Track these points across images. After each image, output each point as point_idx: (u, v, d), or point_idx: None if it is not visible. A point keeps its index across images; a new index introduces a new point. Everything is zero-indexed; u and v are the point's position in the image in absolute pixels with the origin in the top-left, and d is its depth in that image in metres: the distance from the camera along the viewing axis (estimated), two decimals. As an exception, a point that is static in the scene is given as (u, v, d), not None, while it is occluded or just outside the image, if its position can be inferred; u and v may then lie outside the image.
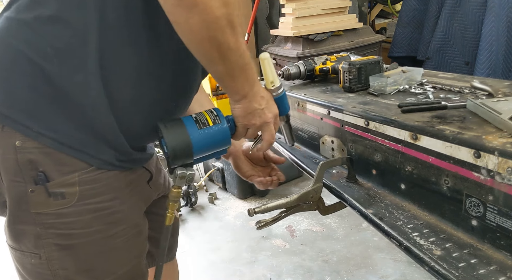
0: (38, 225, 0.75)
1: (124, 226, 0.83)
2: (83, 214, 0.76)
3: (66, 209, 0.75)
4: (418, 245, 0.77)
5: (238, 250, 2.28)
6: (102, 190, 0.78)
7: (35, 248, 0.77)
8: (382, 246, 2.16)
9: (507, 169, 0.67)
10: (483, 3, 2.72)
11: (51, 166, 0.73)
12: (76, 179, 0.74)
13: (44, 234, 0.76)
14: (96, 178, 0.76)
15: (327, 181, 1.05)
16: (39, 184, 0.73)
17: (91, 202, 0.77)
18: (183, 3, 0.63)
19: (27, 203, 0.74)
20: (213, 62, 0.73)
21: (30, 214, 0.75)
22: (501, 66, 2.64)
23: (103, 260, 0.81)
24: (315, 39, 2.90)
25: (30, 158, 0.72)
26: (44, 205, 0.74)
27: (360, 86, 1.18)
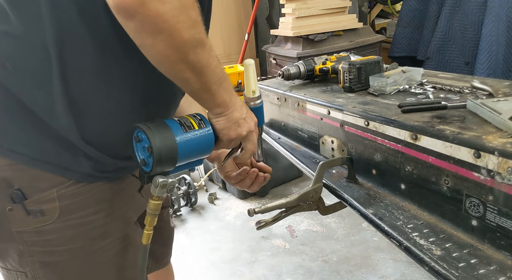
0: (20, 243, 0.74)
1: (110, 240, 0.80)
2: (65, 230, 0.74)
3: (47, 226, 0.73)
4: (418, 245, 0.77)
5: (238, 250, 2.28)
6: (84, 204, 0.75)
7: (20, 266, 0.76)
8: (382, 246, 2.16)
9: (507, 169, 0.67)
10: (483, 3, 2.72)
11: (26, 182, 0.70)
12: (55, 194, 0.71)
13: (27, 252, 0.74)
14: (77, 192, 0.73)
15: (327, 181, 1.05)
16: (16, 202, 0.70)
17: (73, 218, 0.74)
18: (146, 30, 0.59)
19: (7, 222, 0.72)
20: (188, 82, 0.69)
21: (12, 233, 0.73)
22: (501, 66, 2.64)
23: (90, 276, 0.79)
24: (315, 39, 2.90)
25: (3, 176, 0.69)
26: (24, 223, 0.72)
27: (360, 86, 1.18)
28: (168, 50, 0.62)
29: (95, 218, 0.76)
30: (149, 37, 0.60)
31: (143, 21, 0.58)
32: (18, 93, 0.67)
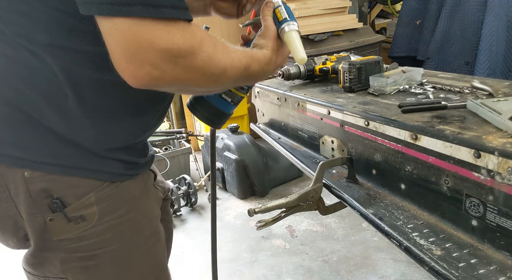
0: (62, 251, 0.75)
1: (143, 237, 0.81)
2: (104, 232, 0.75)
3: (87, 231, 0.74)
4: (418, 245, 0.77)
5: (238, 250, 2.28)
6: (118, 204, 0.76)
7: (61, 273, 0.76)
8: (382, 246, 2.16)
9: (507, 169, 0.67)
10: (483, 3, 2.72)
11: (64, 191, 0.71)
12: (93, 199, 0.73)
13: (68, 259, 0.75)
14: (111, 193, 0.75)
15: (327, 181, 1.05)
16: (56, 212, 0.71)
17: (110, 219, 0.76)
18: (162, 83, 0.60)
19: (48, 232, 0.73)
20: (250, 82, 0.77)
21: (53, 242, 0.74)
22: (501, 66, 2.64)
23: (128, 275, 0.81)
24: (315, 39, 2.90)
25: (41, 187, 0.70)
26: (65, 231, 0.73)
27: (360, 86, 1.18)
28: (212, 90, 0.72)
29: (129, 217, 0.78)
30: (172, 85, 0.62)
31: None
32: (36, 114, 0.68)
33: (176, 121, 3.66)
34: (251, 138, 2.83)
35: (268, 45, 0.77)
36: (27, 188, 0.70)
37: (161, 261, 0.88)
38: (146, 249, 0.82)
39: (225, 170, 2.85)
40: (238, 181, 2.76)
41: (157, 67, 0.57)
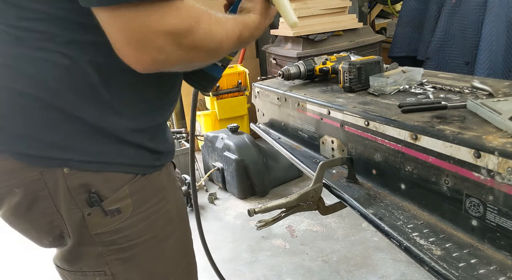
0: (99, 245, 0.76)
1: (173, 225, 0.84)
2: (138, 223, 0.77)
3: (123, 223, 0.76)
4: (418, 245, 0.77)
5: (238, 250, 2.28)
6: (150, 195, 0.79)
7: (98, 267, 0.78)
8: (382, 246, 2.16)
9: (507, 169, 0.67)
10: (483, 3, 2.72)
11: (101, 185, 0.73)
12: (127, 191, 0.75)
13: (105, 252, 0.77)
14: (143, 185, 0.77)
15: (327, 181, 1.05)
16: (94, 206, 0.73)
17: (142, 210, 0.78)
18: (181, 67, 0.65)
19: (86, 227, 0.75)
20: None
21: (90, 236, 0.75)
22: (501, 66, 2.64)
23: (162, 262, 0.82)
24: (315, 39, 2.90)
25: (80, 182, 0.72)
26: (102, 224, 0.75)
27: (360, 86, 1.18)
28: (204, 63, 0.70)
29: (159, 207, 0.80)
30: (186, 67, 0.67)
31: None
32: (71, 109, 0.69)
33: (176, 121, 3.67)
34: (251, 138, 2.83)
35: (256, 8, 0.78)
36: (66, 184, 0.71)
37: (190, 249, 0.91)
38: (177, 237, 0.84)
39: (225, 170, 2.85)
40: (238, 181, 2.76)
41: (160, 50, 0.58)
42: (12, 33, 0.67)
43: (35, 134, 0.69)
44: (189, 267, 0.90)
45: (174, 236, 0.84)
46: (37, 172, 0.70)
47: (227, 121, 3.14)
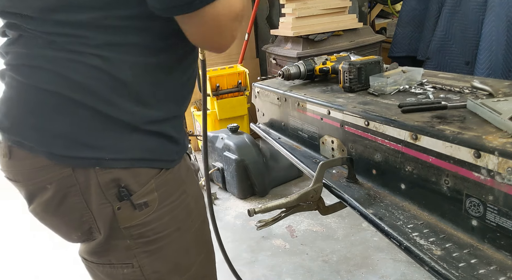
0: (128, 238, 0.79)
1: (192, 217, 0.87)
2: (164, 217, 0.80)
3: (150, 216, 0.79)
4: (418, 245, 0.77)
5: (238, 250, 2.28)
6: (173, 188, 0.82)
7: (126, 259, 0.81)
8: (382, 246, 2.16)
9: (507, 169, 0.67)
10: (483, 3, 2.72)
11: (130, 179, 0.76)
12: (153, 185, 0.78)
13: (134, 245, 0.80)
14: (167, 179, 0.80)
15: (327, 181, 1.05)
16: (124, 200, 0.76)
17: (167, 204, 0.81)
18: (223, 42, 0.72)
19: (116, 221, 0.77)
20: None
21: (120, 230, 0.78)
22: (501, 66, 2.64)
23: (185, 253, 0.86)
24: (315, 39, 2.90)
25: (110, 177, 0.74)
26: (131, 218, 0.78)
27: (360, 86, 1.18)
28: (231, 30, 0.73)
29: (181, 200, 0.83)
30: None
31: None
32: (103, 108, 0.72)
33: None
34: (251, 138, 2.83)
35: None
36: (97, 180, 0.74)
37: (208, 240, 0.94)
38: (196, 228, 0.87)
39: (225, 170, 2.85)
40: (238, 181, 2.76)
41: (234, 31, 0.71)
42: (45, 38, 0.70)
43: (67, 134, 0.72)
44: (208, 256, 0.94)
45: (194, 228, 0.87)
46: (69, 169, 0.73)
47: (227, 121, 3.13)
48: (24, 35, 0.71)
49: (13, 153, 0.74)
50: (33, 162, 0.73)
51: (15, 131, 0.73)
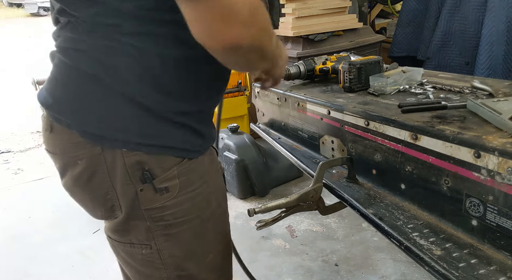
0: (148, 220, 0.83)
1: (212, 208, 0.89)
2: (184, 203, 0.83)
3: (170, 201, 0.82)
4: (418, 245, 0.77)
5: (238, 250, 2.27)
6: (194, 178, 0.85)
7: (146, 240, 0.85)
8: (382, 246, 2.16)
9: (507, 169, 0.67)
10: (483, 3, 2.71)
11: (154, 164, 0.80)
12: (175, 172, 0.81)
13: (153, 227, 0.83)
14: (190, 168, 0.83)
15: (327, 181, 1.05)
16: (146, 183, 0.80)
17: (188, 191, 0.84)
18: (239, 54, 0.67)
19: (138, 201, 0.81)
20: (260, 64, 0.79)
21: (141, 211, 0.82)
22: (501, 66, 2.64)
23: (203, 242, 0.89)
24: (315, 39, 2.90)
25: (136, 159, 0.79)
26: (152, 200, 0.81)
27: (360, 86, 1.18)
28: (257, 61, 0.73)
29: (201, 190, 0.86)
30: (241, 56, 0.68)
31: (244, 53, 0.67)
32: (134, 95, 0.76)
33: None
34: (251, 138, 2.83)
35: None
36: (124, 161, 0.78)
37: (227, 232, 0.97)
38: (215, 219, 0.90)
39: (225, 170, 2.85)
40: (238, 181, 2.76)
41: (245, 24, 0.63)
42: (87, 25, 0.74)
43: (100, 116, 0.77)
44: (226, 249, 0.96)
45: (213, 218, 0.90)
46: (99, 148, 0.78)
47: (227, 121, 3.13)
48: (72, 21, 0.76)
49: (53, 127, 0.81)
50: (69, 137, 0.79)
51: (56, 108, 0.80)
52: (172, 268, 0.87)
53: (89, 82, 0.76)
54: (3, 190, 3.20)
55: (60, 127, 0.80)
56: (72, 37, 0.77)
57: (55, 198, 2.96)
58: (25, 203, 2.98)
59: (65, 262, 2.27)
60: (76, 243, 2.43)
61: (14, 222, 2.73)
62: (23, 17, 16.54)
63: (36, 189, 3.19)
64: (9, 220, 2.76)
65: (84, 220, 2.68)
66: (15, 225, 2.69)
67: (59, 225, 2.65)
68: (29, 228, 2.63)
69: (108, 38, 0.74)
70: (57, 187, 3.37)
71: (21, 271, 2.24)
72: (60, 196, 2.98)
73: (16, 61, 8.51)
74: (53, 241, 2.48)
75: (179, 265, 0.88)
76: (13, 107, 5.35)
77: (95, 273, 2.17)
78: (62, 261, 2.28)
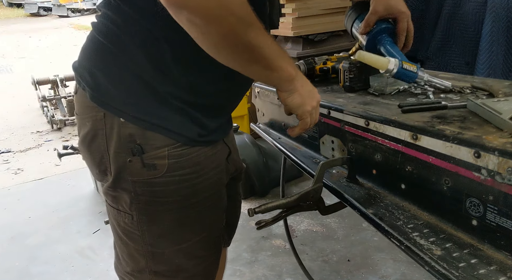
0: (133, 191, 0.87)
1: (198, 199, 0.91)
2: (169, 184, 0.87)
3: (156, 179, 0.86)
4: (418, 245, 0.77)
5: (238, 250, 2.28)
6: (184, 164, 0.87)
7: (129, 209, 0.90)
8: (382, 246, 2.16)
9: (507, 169, 0.67)
10: (483, 3, 2.71)
11: (146, 140, 0.84)
12: (166, 153, 0.85)
13: (136, 199, 0.88)
14: (181, 153, 0.86)
15: (327, 181, 1.05)
16: (136, 155, 0.84)
17: (176, 175, 0.86)
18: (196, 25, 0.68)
19: (126, 171, 0.86)
20: (248, 64, 0.78)
21: (128, 181, 0.87)
22: (501, 66, 2.64)
23: (179, 228, 0.92)
24: (315, 39, 2.90)
25: (129, 132, 0.83)
26: (139, 174, 0.85)
27: (361, 86, 1.17)
28: (219, 38, 0.70)
29: (190, 177, 0.88)
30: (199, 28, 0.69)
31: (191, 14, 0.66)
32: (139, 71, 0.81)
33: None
34: (251, 138, 2.83)
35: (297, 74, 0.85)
36: (119, 130, 0.84)
37: (212, 226, 0.97)
38: (198, 210, 0.92)
39: (225, 170, 2.85)
40: (238, 181, 2.76)
41: None
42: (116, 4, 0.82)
43: (108, 85, 0.83)
44: (208, 241, 0.97)
45: (197, 209, 0.92)
46: (102, 114, 0.85)
47: (227, 121, 3.13)
48: (112, 1, 0.83)
49: (77, 90, 0.90)
50: (84, 100, 0.87)
51: (78, 72, 0.88)
52: (146, 243, 0.91)
53: (104, 52, 0.84)
54: (3, 190, 3.20)
55: (81, 90, 0.88)
56: (109, 14, 0.84)
57: (55, 198, 2.96)
58: (25, 203, 2.98)
59: (65, 262, 2.27)
60: (76, 243, 2.43)
61: (14, 222, 2.72)
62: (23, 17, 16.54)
63: (36, 189, 3.19)
64: (9, 220, 2.76)
65: (84, 220, 2.68)
66: (15, 225, 2.69)
67: (59, 225, 2.65)
68: (29, 228, 2.64)
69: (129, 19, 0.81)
70: (57, 187, 3.38)
71: (21, 271, 2.24)
72: (60, 196, 3.00)
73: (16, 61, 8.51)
74: (53, 241, 2.49)
75: (154, 241, 0.92)
76: (13, 107, 5.35)
77: (95, 273, 2.17)
78: (62, 261, 2.28)
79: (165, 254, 0.93)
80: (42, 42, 10.55)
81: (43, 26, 13.51)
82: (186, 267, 0.96)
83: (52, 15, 16.02)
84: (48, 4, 16.08)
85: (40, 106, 4.84)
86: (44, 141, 4.19)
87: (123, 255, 0.98)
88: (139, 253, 0.94)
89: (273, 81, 0.85)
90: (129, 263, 0.97)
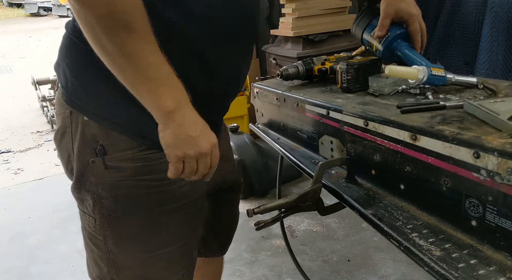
0: (95, 193, 0.84)
1: (170, 207, 0.87)
2: (134, 189, 0.83)
3: (119, 182, 0.82)
4: (418, 246, 0.77)
5: (238, 250, 2.28)
6: (153, 169, 0.83)
7: (92, 213, 0.87)
8: (382, 246, 2.16)
9: (506, 170, 0.67)
10: (483, 3, 2.71)
11: (110, 141, 0.81)
12: (130, 156, 0.81)
13: (98, 202, 0.85)
14: (148, 157, 0.82)
15: (326, 181, 1.05)
16: (98, 156, 0.81)
17: (144, 179, 0.83)
18: (72, 6, 0.64)
19: (88, 172, 0.83)
20: (115, 67, 0.70)
21: (90, 183, 0.84)
22: (501, 66, 2.63)
23: (146, 235, 0.88)
24: (315, 39, 2.90)
25: (92, 132, 0.81)
26: (101, 175, 0.82)
27: (358, 87, 1.17)
28: (88, 25, 0.66)
29: (160, 183, 0.85)
30: (77, 9, 0.64)
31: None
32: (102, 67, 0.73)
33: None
34: (251, 138, 2.83)
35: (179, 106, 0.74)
36: (83, 129, 0.82)
37: (180, 238, 0.92)
38: (169, 218, 0.88)
39: (225, 170, 2.85)
40: (238, 181, 2.76)
41: None
42: None
43: (75, 81, 0.82)
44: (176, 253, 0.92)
45: (167, 216, 0.88)
46: (69, 111, 0.83)
47: (227, 121, 3.12)
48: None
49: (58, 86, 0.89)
50: (58, 97, 0.87)
51: (55, 70, 0.88)
52: (108, 249, 0.88)
53: (72, 49, 0.82)
54: (3, 190, 3.20)
55: (59, 88, 0.88)
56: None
57: (55, 198, 2.96)
58: (25, 203, 2.98)
59: (65, 262, 2.27)
60: (76, 243, 2.43)
61: (14, 222, 2.73)
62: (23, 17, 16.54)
63: (36, 189, 3.19)
64: (9, 220, 2.76)
65: (84, 220, 2.68)
66: (15, 225, 2.69)
67: (59, 225, 2.65)
68: (29, 228, 2.64)
69: None
70: (57, 187, 3.38)
71: (21, 271, 2.24)
72: (60, 196, 3.00)
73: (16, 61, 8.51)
74: (53, 241, 2.49)
75: (115, 249, 0.88)
76: (13, 107, 5.35)
77: (95, 273, 2.17)
78: (62, 261, 2.28)
79: (128, 263, 0.89)
80: (42, 42, 10.55)
81: (43, 26, 13.51)
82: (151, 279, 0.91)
83: (52, 15, 16.02)
84: (48, 4, 16.09)
85: (40, 106, 4.85)
86: (44, 141, 4.19)
87: (89, 260, 0.95)
88: (102, 259, 0.90)
89: (145, 103, 0.73)
90: (95, 268, 0.93)
